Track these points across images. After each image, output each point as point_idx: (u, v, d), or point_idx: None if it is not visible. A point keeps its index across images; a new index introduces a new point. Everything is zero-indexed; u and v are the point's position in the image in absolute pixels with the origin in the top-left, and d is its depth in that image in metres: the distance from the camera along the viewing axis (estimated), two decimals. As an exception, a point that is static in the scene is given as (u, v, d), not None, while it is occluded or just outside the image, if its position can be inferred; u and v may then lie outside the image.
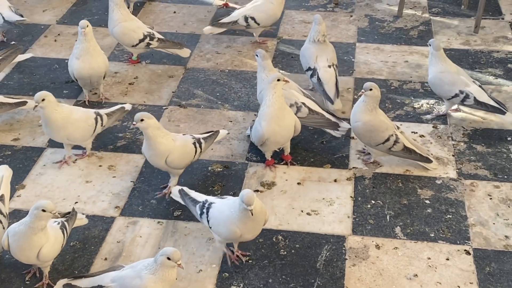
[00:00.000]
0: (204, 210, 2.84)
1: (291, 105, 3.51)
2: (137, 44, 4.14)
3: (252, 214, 2.61)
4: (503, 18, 5.02)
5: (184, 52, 4.29)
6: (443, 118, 3.86)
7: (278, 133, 3.33)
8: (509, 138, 3.66)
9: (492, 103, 3.69)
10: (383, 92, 4.01)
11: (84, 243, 2.92)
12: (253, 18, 4.36)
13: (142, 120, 3.02)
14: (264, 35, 4.69)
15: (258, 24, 4.40)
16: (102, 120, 3.41)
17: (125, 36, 4.12)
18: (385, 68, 4.34)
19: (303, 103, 3.58)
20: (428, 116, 3.91)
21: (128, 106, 3.62)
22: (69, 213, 2.90)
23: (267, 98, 3.32)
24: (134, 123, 2.99)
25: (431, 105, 3.94)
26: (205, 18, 4.93)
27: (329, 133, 3.63)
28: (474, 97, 3.68)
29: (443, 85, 3.76)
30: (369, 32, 4.74)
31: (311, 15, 5.02)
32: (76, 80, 3.79)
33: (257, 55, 3.69)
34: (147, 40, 4.12)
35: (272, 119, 3.28)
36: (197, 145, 3.23)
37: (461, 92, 3.68)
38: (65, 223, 2.77)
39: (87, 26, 3.65)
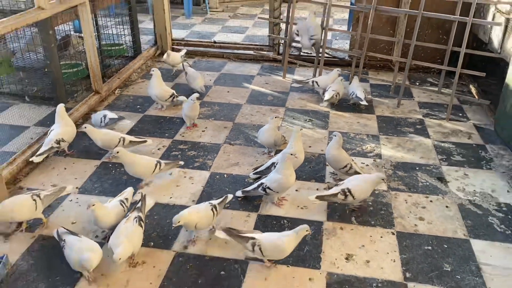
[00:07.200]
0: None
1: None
2: None
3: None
4: (414, 99, 5.91)
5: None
6: (380, 154, 4.40)
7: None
8: (417, 168, 4.29)
9: (360, 95, 5.31)
10: (344, 139, 4.57)
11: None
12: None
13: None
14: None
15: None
16: (41, 199, 3.18)
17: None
18: (346, 126, 5.05)
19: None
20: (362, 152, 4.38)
21: (69, 189, 3.28)
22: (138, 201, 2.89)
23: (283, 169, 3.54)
24: None
25: (373, 147, 4.60)
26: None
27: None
28: (356, 94, 5.25)
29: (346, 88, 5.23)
30: (337, 106, 5.55)
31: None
32: None
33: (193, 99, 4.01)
34: None
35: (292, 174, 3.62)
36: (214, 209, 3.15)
37: (352, 93, 5.31)
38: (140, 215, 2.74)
39: None
